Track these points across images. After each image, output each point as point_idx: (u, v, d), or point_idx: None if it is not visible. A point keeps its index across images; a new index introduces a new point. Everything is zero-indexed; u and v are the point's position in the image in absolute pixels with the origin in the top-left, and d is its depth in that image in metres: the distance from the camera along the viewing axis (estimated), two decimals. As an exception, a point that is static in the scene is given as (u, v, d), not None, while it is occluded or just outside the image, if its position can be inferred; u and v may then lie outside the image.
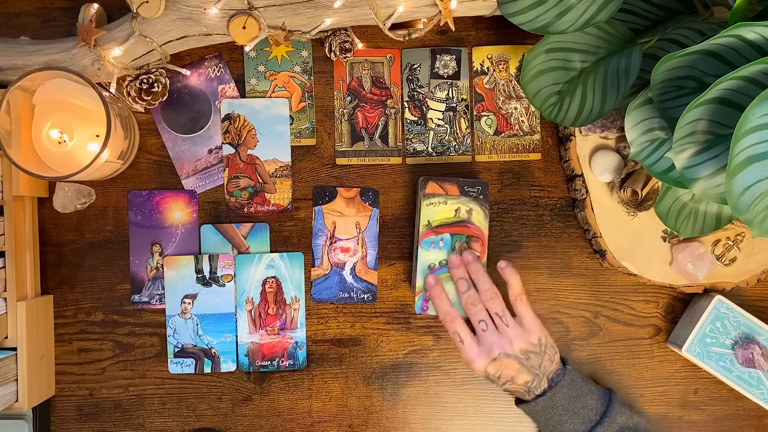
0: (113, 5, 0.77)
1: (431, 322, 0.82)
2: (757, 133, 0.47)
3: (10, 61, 0.72)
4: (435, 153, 0.81)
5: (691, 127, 0.54)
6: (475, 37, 0.82)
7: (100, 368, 0.80)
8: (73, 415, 0.80)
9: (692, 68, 0.57)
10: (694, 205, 0.69)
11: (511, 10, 0.66)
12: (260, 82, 0.81)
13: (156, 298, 0.80)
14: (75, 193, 0.78)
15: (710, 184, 0.55)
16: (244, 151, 0.81)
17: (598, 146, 0.78)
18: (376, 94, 0.81)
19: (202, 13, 0.70)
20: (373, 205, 0.81)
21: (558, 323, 0.82)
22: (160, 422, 0.80)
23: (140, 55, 0.74)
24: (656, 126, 0.62)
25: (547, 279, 0.82)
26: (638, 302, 0.82)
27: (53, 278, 0.80)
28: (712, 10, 0.64)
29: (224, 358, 0.80)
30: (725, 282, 0.79)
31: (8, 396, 0.71)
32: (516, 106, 0.82)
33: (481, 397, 0.82)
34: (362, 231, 0.81)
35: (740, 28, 0.52)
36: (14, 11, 0.80)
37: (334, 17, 0.73)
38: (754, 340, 0.76)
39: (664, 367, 0.82)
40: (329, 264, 0.81)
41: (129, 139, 0.75)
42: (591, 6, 0.63)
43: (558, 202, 0.82)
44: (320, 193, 0.81)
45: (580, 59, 0.69)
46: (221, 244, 0.80)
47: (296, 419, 0.81)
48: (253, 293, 0.80)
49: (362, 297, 0.81)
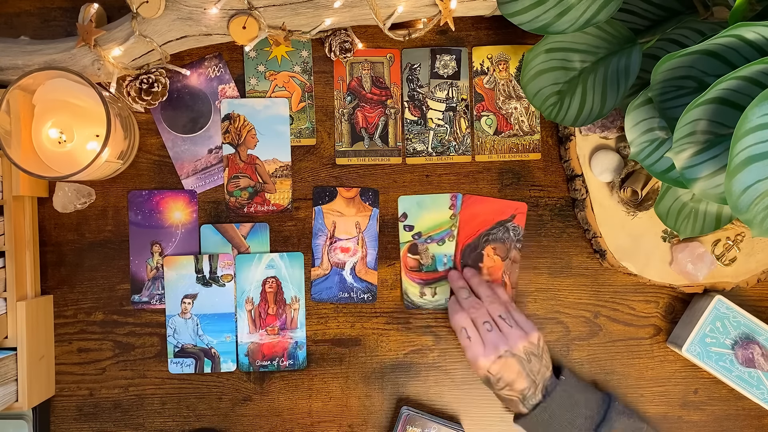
0: (113, 5, 0.77)
1: (431, 323, 0.82)
2: (757, 133, 0.47)
3: (10, 61, 0.72)
4: (435, 153, 0.81)
5: (691, 127, 0.54)
6: (475, 37, 0.82)
7: (100, 368, 0.80)
8: (73, 415, 0.80)
9: (692, 68, 0.57)
10: (694, 205, 0.69)
11: (511, 10, 0.66)
12: (260, 82, 0.81)
13: (156, 298, 0.80)
14: (75, 193, 0.78)
15: (710, 184, 0.55)
16: (244, 151, 0.81)
17: (598, 146, 0.78)
18: (376, 94, 0.81)
19: (202, 13, 0.70)
20: (373, 205, 0.81)
21: (558, 323, 0.82)
22: (160, 422, 0.80)
23: (140, 55, 0.74)
24: (656, 126, 0.62)
25: (547, 279, 0.82)
26: (638, 302, 0.82)
27: (53, 278, 0.80)
28: (712, 10, 0.64)
29: (224, 358, 0.80)
30: (725, 282, 0.79)
31: (8, 396, 0.71)
32: (516, 106, 0.82)
33: (481, 397, 0.82)
34: (362, 231, 0.81)
35: (740, 28, 0.52)
36: (14, 11, 0.80)
37: (334, 17, 0.73)
38: (754, 340, 0.76)
39: (664, 367, 0.82)
40: (329, 264, 0.81)
41: (129, 139, 0.75)
42: (591, 6, 0.63)
43: (558, 202, 0.82)
44: (320, 193, 0.81)
45: (580, 59, 0.69)
46: (221, 244, 0.80)
47: (296, 419, 0.81)
48: (253, 293, 0.80)
49: (362, 297, 0.81)
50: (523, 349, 0.71)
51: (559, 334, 0.82)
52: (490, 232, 0.81)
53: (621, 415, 0.72)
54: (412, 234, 0.80)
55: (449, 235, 0.81)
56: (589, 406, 0.72)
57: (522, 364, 0.71)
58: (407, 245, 0.81)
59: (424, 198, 0.81)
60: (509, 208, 0.81)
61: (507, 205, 0.81)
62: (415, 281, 0.81)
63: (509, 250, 0.81)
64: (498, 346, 0.71)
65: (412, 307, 0.81)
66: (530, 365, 0.71)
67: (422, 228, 0.81)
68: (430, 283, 0.81)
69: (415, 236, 0.80)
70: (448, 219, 0.81)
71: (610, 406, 0.73)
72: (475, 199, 0.81)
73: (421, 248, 0.80)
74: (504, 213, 0.81)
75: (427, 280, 0.81)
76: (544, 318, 0.82)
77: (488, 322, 0.73)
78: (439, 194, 0.81)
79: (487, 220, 0.81)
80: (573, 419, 0.71)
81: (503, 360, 0.71)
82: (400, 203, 0.80)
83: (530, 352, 0.72)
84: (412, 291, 0.81)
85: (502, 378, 0.71)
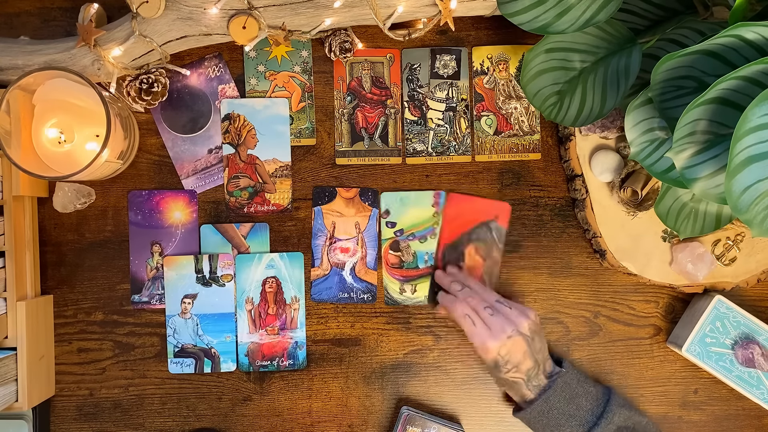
0: (113, 5, 0.77)
1: (431, 322, 0.82)
2: (757, 133, 0.47)
3: (10, 61, 0.72)
4: (435, 153, 0.81)
5: (691, 127, 0.54)
6: (475, 37, 0.82)
7: (100, 368, 0.80)
8: (73, 415, 0.80)
9: (692, 68, 0.57)
10: (694, 205, 0.69)
11: (511, 10, 0.66)
12: (260, 82, 0.81)
13: (156, 298, 0.80)
14: (75, 193, 0.78)
15: (710, 184, 0.55)
16: (244, 151, 0.81)
17: (598, 146, 0.78)
18: (376, 94, 0.81)
19: (202, 13, 0.70)
20: (372, 206, 0.81)
21: (558, 323, 0.82)
22: (160, 422, 0.80)
23: (140, 55, 0.74)
24: (656, 126, 0.62)
25: (547, 279, 0.82)
26: (638, 302, 0.82)
27: (53, 278, 0.80)
28: (712, 10, 0.64)
29: (224, 358, 0.80)
30: (725, 282, 0.79)
31: (8, 396, 0.71)
32: (516, 106, 0.82)
33: (481, 397, 0.82)
34: (362, 231, 0.81)
35: (740, 28, 0.52)
36: (14, 11, 0.80)
37: (334, 17, 0.73)
38: (754, 340, 0.76)
39: (664, 367, 0.82)
40: (329, 264, 0.81)
41: (129, 139, 0.75)
42: (591, 6, 0.63)
43: (558, 202, 0.82)
44: (320, 194, 0.81)
45: (580, 59, 0.69)
46: (221, 244, 0.80)
47: (296, 419, 0.81)
48: (253, 293, 0.80)
49: (362, 297, 0.81)
50: (528, 328, 0.72)
51: (559, 334, 0.82)
52: (473, 231, 0.80)
53: (621, 407, 0.72)
54: (394, 231, 0.80)
55: (431, 232, 0.81)
56: (589, 398, 0.72)
57: (528, 343, 0.71)
58: (389, 242, 0.81)
59: (407, 194, 0.81)
60: (493, 208, 0.81)
61: (491, 205, 0.81)
62: (396, 278, 0.81)
63: (490, 249, 0.80)
64: (504, 327, 0.72)
65: (391, 303, 0.81)
66: (534, 344, 0.72)
67: (404, 225, 0.81)
68: (410, 280, 0.81)
69: (397, 233, 0.80)
70: (431, 216, 0.81)
71: (610, 398, 0.73)
72: (459, 197, 0.81)
73: (402, 245, 0.81)
74: (488, 213, 0.81)
75: (407, 277, 0.81)
76: (544, 318, 0.82)
77: (489, 308, 0.73)
78: (422, 191, 0.81)
79: (471, 220, 0.81)
80: (573, 412, 0.71)
81: (512, 340, 0.71)
82: (382, 199, 0.80)
83: (533, 330, 0.72)
84: (392, 287, 0.81)
85: (510, 360, 0.71)
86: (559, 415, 0.71)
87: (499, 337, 0.71)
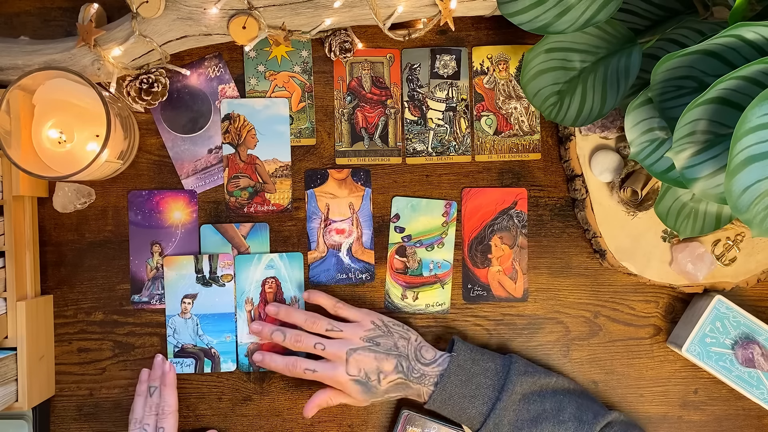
0: (113, 5, 0.77)
1: (431, 323, 0.82)
2: (757, 133, 0.47)
3: (10, 61, 0.72)
4: (435, 153, 0.81)
5: (691, 127, 0.54)
6: (475, 37, 0.82)
7: (100, 368, 0.80)
8: (73, 415, 0.80)
9: (692, 68, 0.57)
10: (694, 205, 0.69)
11: (511, 10, 0.66)
12: (260, 82, 0.81)
13: (156, 298, 0.80)
14: (75, 193, 0.78)
15: (710, 184, 0.55)
16: (244, 151, 0.81)
17: (598, 146, 0.78)
18: (376, 94, 0.81)
19: (202, 13, 0.70)
20: (365, 185, 0.81)
21: (558, 323, 0.82)
22: (160, 422, 0.80)
23: (140, 55, 0.74)
24: (656, 126, 0.62)
25: (547, 279, 0.82)
26: (638, 302, 0.82)
27: (53, 278, 0.80)
28: (712, 10, 0.64)
29: (224, 358, 0.80)
30: (725, 282, 0.79)
31: (8, 396, 0.71)
32: (516, 106, 0.82)
33: (481, 397, 0.82)
34: (356, 211, 0.81)
35: (740, 28, 0.52)
36: (14, 11, 0.80)
37: (334, 17, 0.73)
38: (754, 340, 0.76)
39: (664, 367, 0.82)
40: (325, 246, 0.81)
41: (129, 139, 0.75)
42: (591, 6, 0.63)
43: (558, 202, 0.82)
44: (312, 176, 0.81)
45: (580, 59, 0.69)
46: (221, 244, 0.80)
47: (296, 419, 0.81)
48: (253, 293, 0.80)
49: (360, 277, 0.81)
50: (361, 337, 0.72)
51: (559, 334, 0.82)
52: (495, 221, 0.81)
53: (522, 375, 0.71)
54: (402, 236, 0.80)
55: (439, 242, 0.81)
56: (488, 375, 0.72)
57: (371, 350, 0.71)
58: (395, 246, 0.81)
59: (418, 201, 0.81)
60: (510, 195, 0.81)
61: (508, 193, 0.81)
62: (399, 283, 0.81)
63: (516, 237, 0.81)
64: (338, 353, 0.72)
65: (392, 308, 0.81)
66: (381, 346, 0.72)
67: (413, 231, 0.81)
68: (412, 287, 0.81)
69: (405, 239, 0.80)
70: (440, 226, 0.81)
71: (510, 369, 0.72)
72: (475, 191, 0.81)
73: (409, 251, 0.81)
74: (506, 201, 0.81)
75: (410, 284, 0.81)
76: (544, 318, 0.82)
77: (319, 343, 0.73)
78: (434, 199, 0.81)
79: (490, 211, 0.81)
80: (473, 392, 0.71)
81: (353, 358, 0.71)
82: (393, 203, 0.80)
83: (371, 337, 0.72)
84: (394, 292, 0.81)
85: (368, 372, 0.71)
86: (461, 398, 0.71)
87: (340, 366, 0.71)
